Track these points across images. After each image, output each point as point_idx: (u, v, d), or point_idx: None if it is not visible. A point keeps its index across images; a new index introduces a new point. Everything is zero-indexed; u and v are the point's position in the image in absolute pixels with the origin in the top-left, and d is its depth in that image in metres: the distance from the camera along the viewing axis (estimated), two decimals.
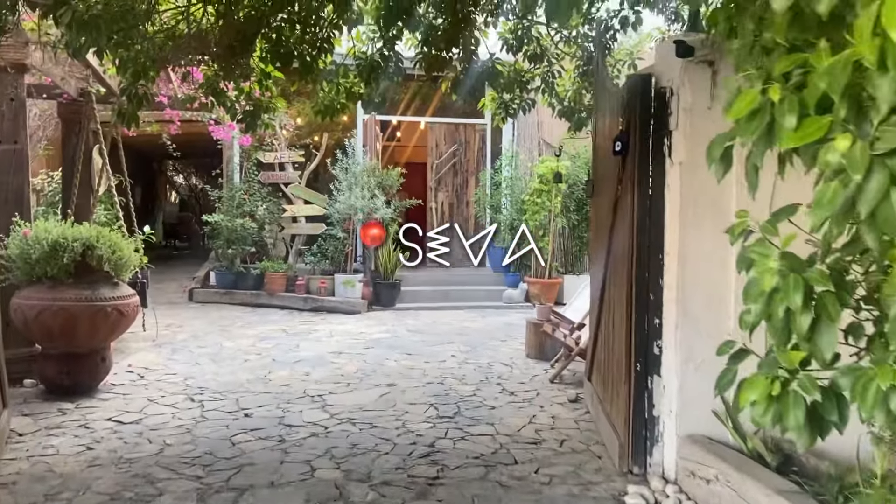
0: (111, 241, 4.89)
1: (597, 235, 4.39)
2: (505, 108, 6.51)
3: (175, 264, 16.33)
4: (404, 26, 5.40)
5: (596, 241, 4.41)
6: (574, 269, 10.21)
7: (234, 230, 9.65)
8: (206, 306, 9.51)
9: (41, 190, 10.31)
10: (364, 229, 9.39)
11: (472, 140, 11.39)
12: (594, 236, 4.53)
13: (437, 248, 11.12)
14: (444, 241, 11.09)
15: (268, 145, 10.21)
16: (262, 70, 5.26)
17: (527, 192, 9.87)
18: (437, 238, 11.11)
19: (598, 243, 4.29)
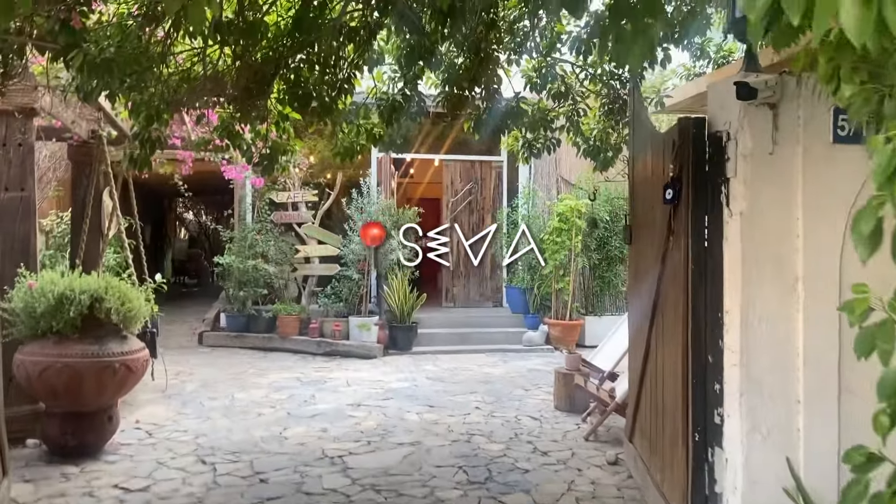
0: (120, 291, 4.65)
1: (637, 285, 4.11)
2: (528, 147, 6.31)
3: (184, 304, 16.11)
4: (426, 65, 5.23)
5: (636, 292, 4.13)
6: (595, 311, 9.90)
7: (245, 272, 9.42)
8: (216, 351, 9.24)
9: (50, 231, 10.15)
10: (364, 229, 9.20)
11: (487, 177, 11.20)
12: (633, 285, 4.25)
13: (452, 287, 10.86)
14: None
15: (281, 184, 10.03)
16: (280, 112, 5.08)
17: (546, 230, 9.61)
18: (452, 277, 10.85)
19: (640, 294, 4.01)
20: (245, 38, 4.40)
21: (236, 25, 4.37)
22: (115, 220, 7.71)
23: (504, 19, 5.56)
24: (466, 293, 11.06)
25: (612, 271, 9.86)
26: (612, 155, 6.47)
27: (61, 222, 9.93)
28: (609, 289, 9.93)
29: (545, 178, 10.76)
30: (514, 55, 5.70)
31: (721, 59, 6.71)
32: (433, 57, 5.14)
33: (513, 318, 10.02)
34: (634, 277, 4.22)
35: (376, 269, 9.56)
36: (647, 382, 3.84)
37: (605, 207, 9.72)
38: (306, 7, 4.43)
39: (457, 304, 10.98)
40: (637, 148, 4.19)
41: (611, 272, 9.86)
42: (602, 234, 9.74)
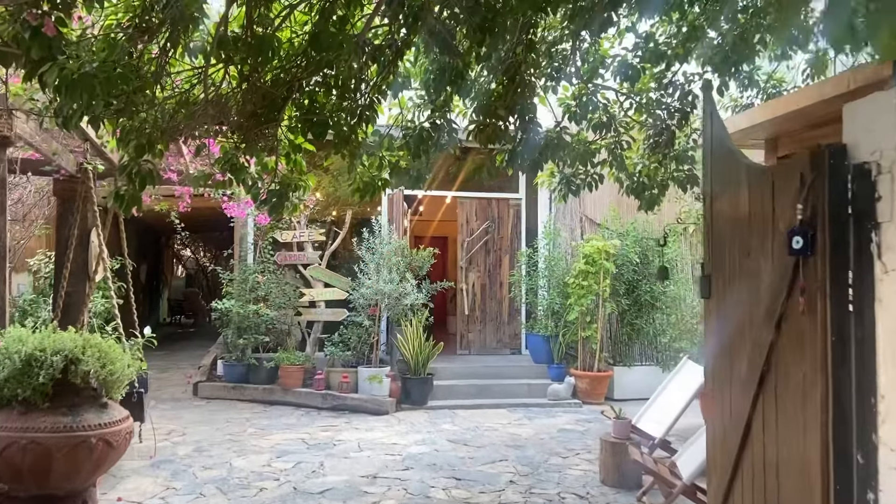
0: (100, 351, 3.95)
1: (725, 350, 3.41)
2: (567, 183, 5.67)
3: (180, 346, 15.39)
4: (455, 91, 4.62)
5: (724, 358, 3.42)
6: (625, 361, 9.16)
7: (245, 317, 8.71)
8: (212, 404, 8.48)
9: (38, 271, 9.50)
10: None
11: (505, 216, 10.57)
12: (716, 349, 3.55)
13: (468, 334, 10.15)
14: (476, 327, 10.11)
15: (285, 223, 9.39)
16: (291, 142, 4.45)
17: (571, 273, 8.94)
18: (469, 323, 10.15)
19: (730, 362, 3.31)
20: (253, 56, 3.79)
21: (243, 41, 3.77)
22: (103, 263, 7.04)
23: (543, 40, 4.99)
24: (483, 339, 10.34)
25: (643, 318, 9.16)
26: (659, 193, 5.85)
27: (49, 262, 9.27)
28: (639, 337, 9.21)
29: (568, 217, 10.12)
30: (550, 81, 5.11)
31: (771, 88, 6.14)
32: (463, 81, 4.54)
33: (535, 368, 9.27)
34: (718, 339, 3.52)
35: (388, 315, 8.86)
36: (744, 475, 3.12)
37: (634, 249, 9.06)
38: (325, 20, 3.83)
39: (472, 350, 10.26)
40: (718, 181, 3.53)
41: (641, 319, 9.15)
42: (631, 277, 9.06)
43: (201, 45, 3.85)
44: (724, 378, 3.41)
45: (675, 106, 5.46)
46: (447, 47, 4.33)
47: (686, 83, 5.45)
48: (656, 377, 8.94)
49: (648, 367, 9.17)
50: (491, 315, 10.41)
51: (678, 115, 5.45)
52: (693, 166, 5.76)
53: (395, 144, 4.56)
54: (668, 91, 5.46)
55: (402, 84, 4.48)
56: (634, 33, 5.25)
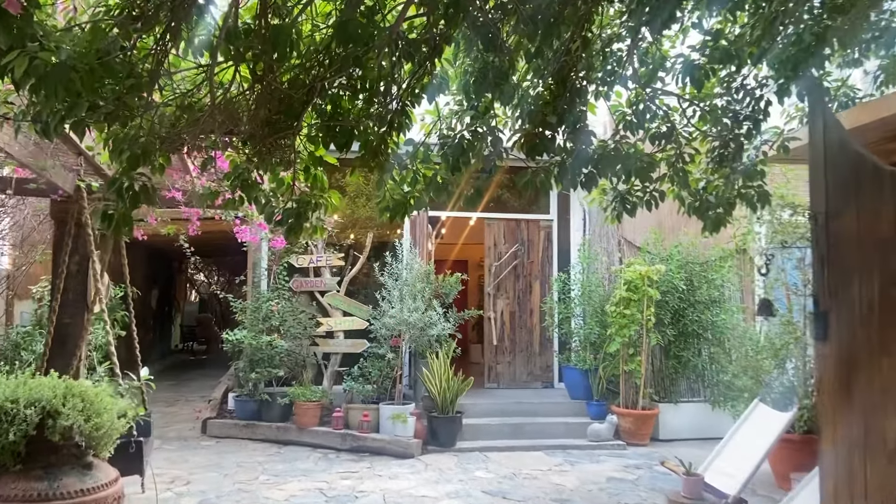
0: (85, 400, 3.35)
1: (860, 410, 2.73)
2: (621, 201, 5.03)
3: (191, 375, 14.84)
4: (498, 96, 4.02)
5: (859, 420, 2.74)
6: (671, 397, 8.43)
7: (258, 349, 8.10)
8: (222, 444, 7.84)
9: (41, 298, 8.97)
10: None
11: (535, 239, 9.94)
12: (841, 407, 2.86)
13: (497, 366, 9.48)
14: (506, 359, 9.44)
15: (301, 247, 8.81)
16: (311, 153, 3.87)
17: (611, 301, 8.26)
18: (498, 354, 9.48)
19: (873, 426, 2.63)
20: (267, 53, 3.22)
21: (256, 33, 3.20)
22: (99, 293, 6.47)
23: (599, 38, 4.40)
24: (512, 372, 9.66)
25: (690, 349, 8.44)
26: (725, 212, 5.19)
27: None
28: (686, 370, 8.48)
29: (604, 240, 9.47)
30: (602, 86, 4.50)
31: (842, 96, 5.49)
32: (507, 84, 3.95)
33: (572, 404, 8.56)
34: (843, 393, 2.84)
35: (412, 347, 8.22)
36: None
37: (679, 274, 8.37)
38: (352, 9, 3.26)
39: (501, 384, 9.58)
40: (839, 196, 2.88)
41: (688, 350, 8.43)
42: (676, 305, 8.36)
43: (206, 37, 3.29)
44: (856, 443, 2.72)
45: (745, 113, 4.82)
46: (492, 43, 3.75)
47: (759, 87, 4.81)
48: (706, 416, 8.23)
49: (697, 404, 8.44)
50: (521, 345, 9.73)
51: (748, 124, 4.81)
52: (763, 182, 5.12)
53: (431, 156, 3.96)
54: (736, 96, 4.82)
55: (438, 86, 3.89)
56: (700, 30, 4.63)
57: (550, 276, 9.82)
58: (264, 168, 3.87)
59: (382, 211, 4.04)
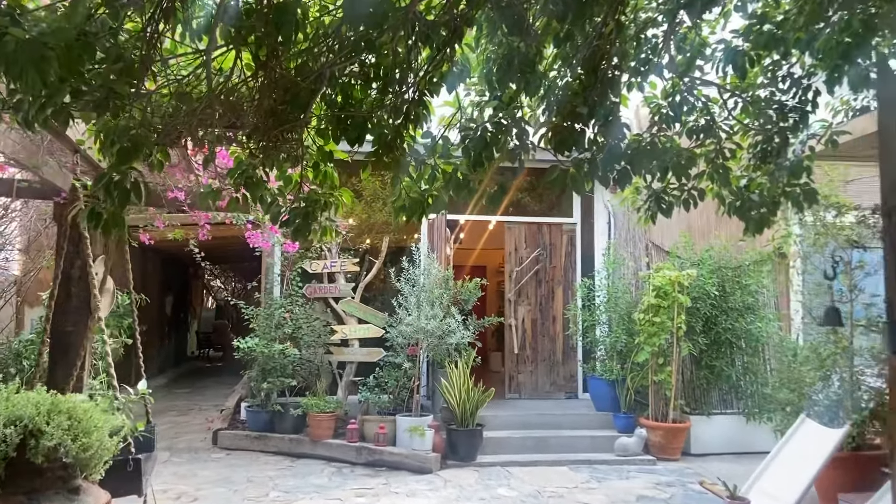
0: (73, 418, 3.05)
1: None
2: (656, 200, 4.67)
3: (206, 383, 14.63)
4: (524, 86, 3.70)
5: None
6: (702, 409, 8.01)
7: (270, 357, 7.81)
8: (233, 456, 7.57)
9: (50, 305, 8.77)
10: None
11: (558, 242, 9.57)
12: None
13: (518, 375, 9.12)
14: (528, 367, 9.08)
15: (315, 251, 8.53)
16: (320, 148, 3.56)
17: (639, 308, 7.87)
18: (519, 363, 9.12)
19: None
20: (271, 35, 2.93)
21: (258, 13, 2.91)
22: (111, 296, 6.23)
23: (633, 22, 4.06)
24: (535, 381, 9.29)
25: (723, 359, 8.02)
26: (769, 212, 4.81)
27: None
28: (719, 381, 8.06)
29: (631, 244, 9.08)
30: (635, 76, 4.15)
31: None
32: (533, 73, 3.63)
33: (598, 417, 8.18)
34: None
35: (429, 356, 7.90)
36: None
37: (711, 279, 7.97)
38: None
39: (523, 394, 9.22)
40: None
41: (721, 360, 8.02)
42: (709, 312, 7.95)
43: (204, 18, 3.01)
44: None
45: (791, 104, 4.44)
46: (518, 26, 3.43)
47: (806, 76, 4.43)
48: (741, 429, 7.82)
49: (730, 416, 8.02)
50: (543, 354, 9.36)
51: (794, 116, 4.43)
52: (810, 180, 4.73)
53: (451, 150, 3.63)
54: (782, 86, 4.45)
55: (459, 74, 3.56)
56: (743, 13, 4.27)
57: (574, 281, 9.45)
58: (270, 164, 3.57)
59: (398, 211, 3.72)
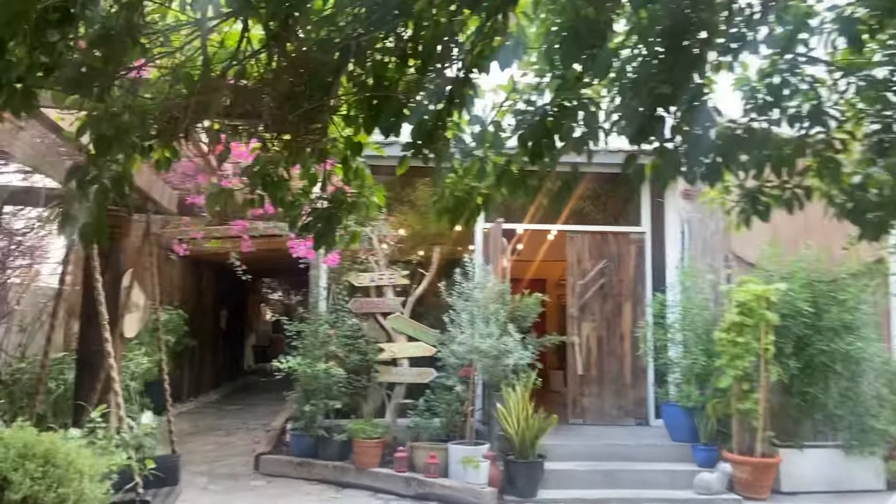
0: (50, 462, 2.56)
1: None
2: (751, 201, 3.94)
3: (258, 399, 14.35)
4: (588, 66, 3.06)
5: None
6: (794, 441, 7.10)
7: (314, 377, 7.33)
8: (274, 484, 7.13)
9: None
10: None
11: (626, 254, 8.82)
12: None
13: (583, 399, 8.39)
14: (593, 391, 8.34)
15: (363, 263, 8.04)
16: (349, 139, 3.02)
17: (720, 327, 7.05)
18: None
19: None
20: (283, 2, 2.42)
21: None
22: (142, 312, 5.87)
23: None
24: (600, 406, 8.54)
25: (817, 384, 7.11)
26: (888, 215, 4.02)
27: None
28: (812, 409, 7.16)
29: (708, 255, 8.25)
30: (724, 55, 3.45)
31: None
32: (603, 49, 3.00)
33: (675, 448, 7.38)
34: None
35: (485, 378, 7.27)
36: None
37: (803, 295, 7.08)
38: None
39: (587, 419, 8.48)
40: None
41: (815, 386, 7.11)
42: (801, 332, 7.07)
43: None
44: None
45: None
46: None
47: None
48: (838, 463, 6.95)
49: (827, 449, 7.11)
50: (610, 376, 8.60)
51: None
52: None
53: (504, 139, 3.02)
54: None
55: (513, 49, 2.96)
56: None
57: (643, 296, 8.67)
58: (291, 159, 3.05)
59: (440, 213, 3.13)
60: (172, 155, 3.01)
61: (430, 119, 2.86)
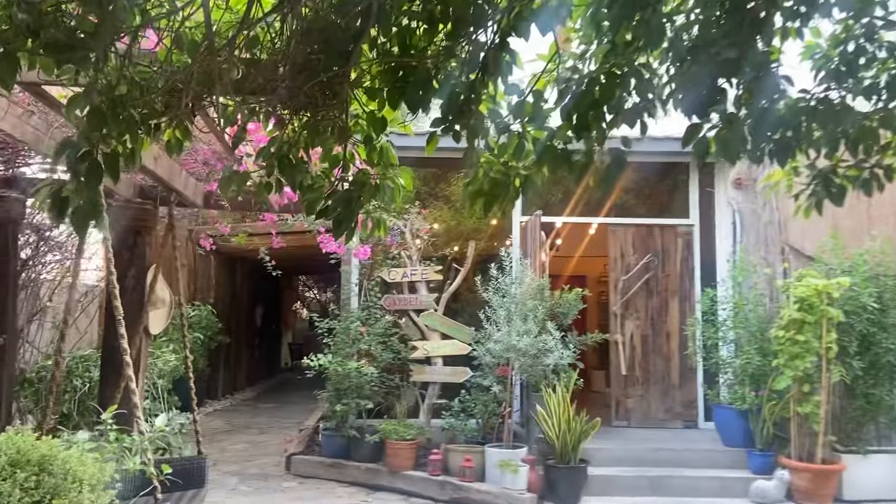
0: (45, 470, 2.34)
1: None
2: (823, 182, 3.54)
3: (293, 397, 14.23)
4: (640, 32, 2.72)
5: None
6: (858, 446, 6.61)
7: (345, 376, 7.10)
8: (306, 485, 6.93)
9: None
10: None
11: (672, 247, 8.39)
12: None
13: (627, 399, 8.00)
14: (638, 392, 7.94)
15: (394, 258, 7.78)
16: (371, 115, 2.73)
17: (778, 324, 6.60)
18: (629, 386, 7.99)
19: None
20: None
21: None
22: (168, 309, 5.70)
23: None
24: (646, 407, 8.14)
25: (883, 386, 6.61)
26: None
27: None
28: (878, 412, 6.67)
29: (762, 248, 7.78)
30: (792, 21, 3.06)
31: None
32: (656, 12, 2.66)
33: (727, 454, 6.95)
34: None
35: (523, 378, 6.94)
36: None
37: (867, 289, 6.59)
38: None
39: (632, 422, 8.08)
40: None
41: (880, 387, 6.61)
42: (865, 329, 6.57)
43: None
44: None
45: None
46: None
47: None
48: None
49: (893, 455, 6.60)
50: (656, 376, 8.19)
51: None
52: None
53: (546, 112, 2.70)
54: None
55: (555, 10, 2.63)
56: None
57: (692, 292, 8.24)
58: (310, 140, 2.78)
59: (473, 197, 2.83)
60: (184, 136, 2.77)
61: (461, 91, 2.56)
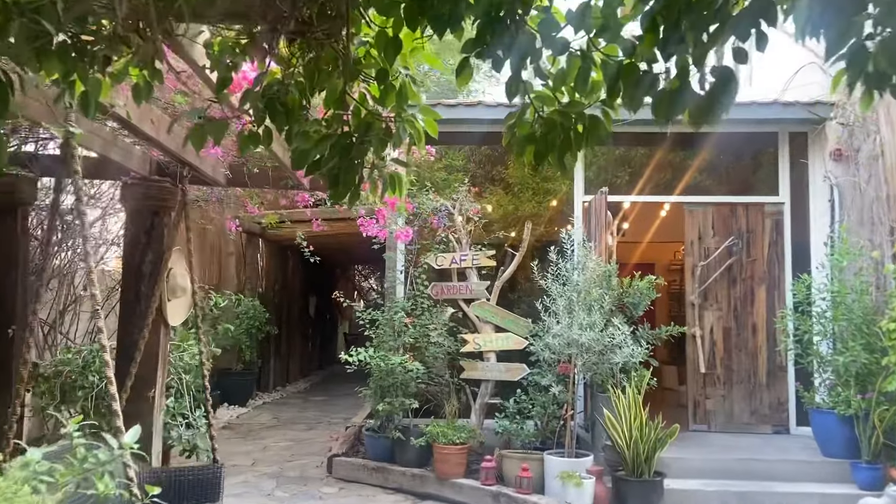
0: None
1: None
2: None
3: (345, 390, 13.82)
4: None
5: None
6: None
7: (389, 372, 6.51)
8: (347, 490, 6.43)
9: None
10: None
11: (758, 229, 7.48)
12: None
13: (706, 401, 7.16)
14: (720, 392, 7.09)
15: (442, 242, 7.14)
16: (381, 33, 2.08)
17: (889, 316, 5.66)
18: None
19: None
20: None
21: None
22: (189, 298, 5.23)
23: None
24: (728, 409, 7.29)
25: None
26: None
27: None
28: None
29: (868, 229, 6.79)
30: None
31: None
32: None
33: (828, 466, 6.07)
34: None
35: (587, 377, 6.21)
36: None
37: None
38: None
39: (713, 426, 7.26)
40: None
41: None
42: None
43: None
44: None
45: None
46: None
47: None
48: None
49: None
50: (740, 374, 7.33)
51: None
52: None
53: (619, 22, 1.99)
54: None
55: None
56: None
57: (782, 279, 7.32)
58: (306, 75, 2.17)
59: (521, 145, 2.14)
60: (152, 76, 2.20)
61: (501, 2, 1.89)
